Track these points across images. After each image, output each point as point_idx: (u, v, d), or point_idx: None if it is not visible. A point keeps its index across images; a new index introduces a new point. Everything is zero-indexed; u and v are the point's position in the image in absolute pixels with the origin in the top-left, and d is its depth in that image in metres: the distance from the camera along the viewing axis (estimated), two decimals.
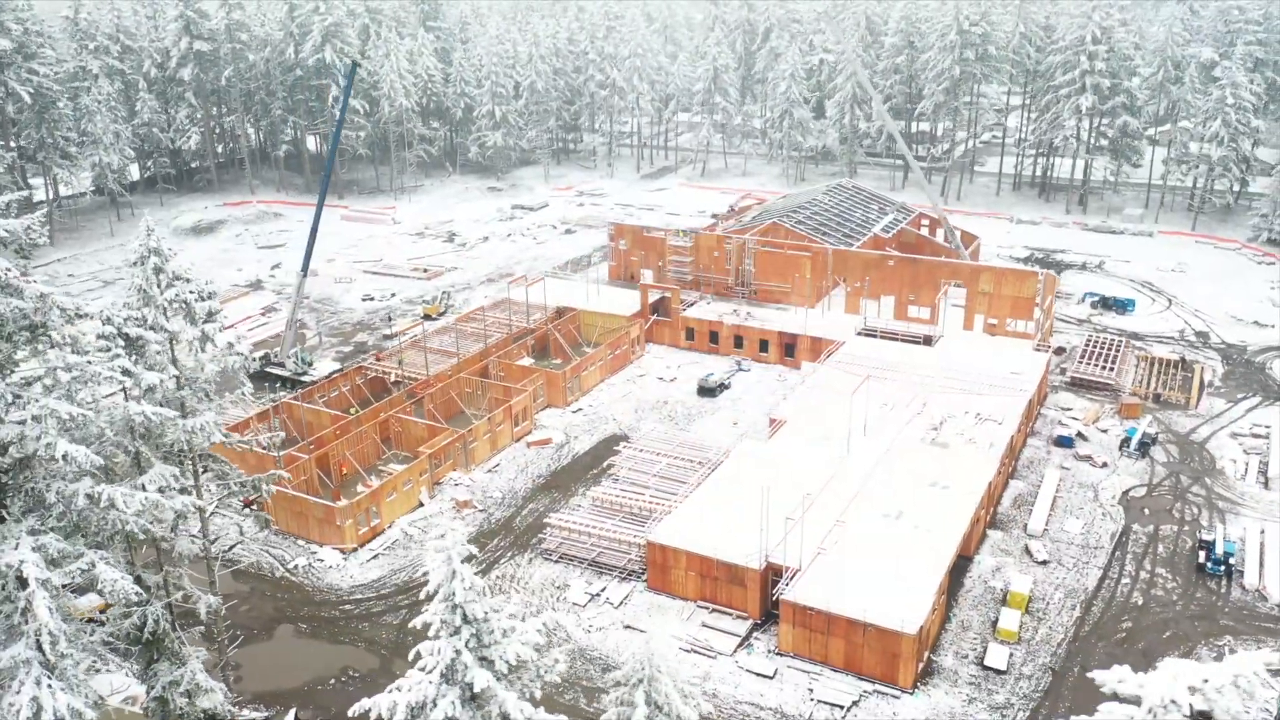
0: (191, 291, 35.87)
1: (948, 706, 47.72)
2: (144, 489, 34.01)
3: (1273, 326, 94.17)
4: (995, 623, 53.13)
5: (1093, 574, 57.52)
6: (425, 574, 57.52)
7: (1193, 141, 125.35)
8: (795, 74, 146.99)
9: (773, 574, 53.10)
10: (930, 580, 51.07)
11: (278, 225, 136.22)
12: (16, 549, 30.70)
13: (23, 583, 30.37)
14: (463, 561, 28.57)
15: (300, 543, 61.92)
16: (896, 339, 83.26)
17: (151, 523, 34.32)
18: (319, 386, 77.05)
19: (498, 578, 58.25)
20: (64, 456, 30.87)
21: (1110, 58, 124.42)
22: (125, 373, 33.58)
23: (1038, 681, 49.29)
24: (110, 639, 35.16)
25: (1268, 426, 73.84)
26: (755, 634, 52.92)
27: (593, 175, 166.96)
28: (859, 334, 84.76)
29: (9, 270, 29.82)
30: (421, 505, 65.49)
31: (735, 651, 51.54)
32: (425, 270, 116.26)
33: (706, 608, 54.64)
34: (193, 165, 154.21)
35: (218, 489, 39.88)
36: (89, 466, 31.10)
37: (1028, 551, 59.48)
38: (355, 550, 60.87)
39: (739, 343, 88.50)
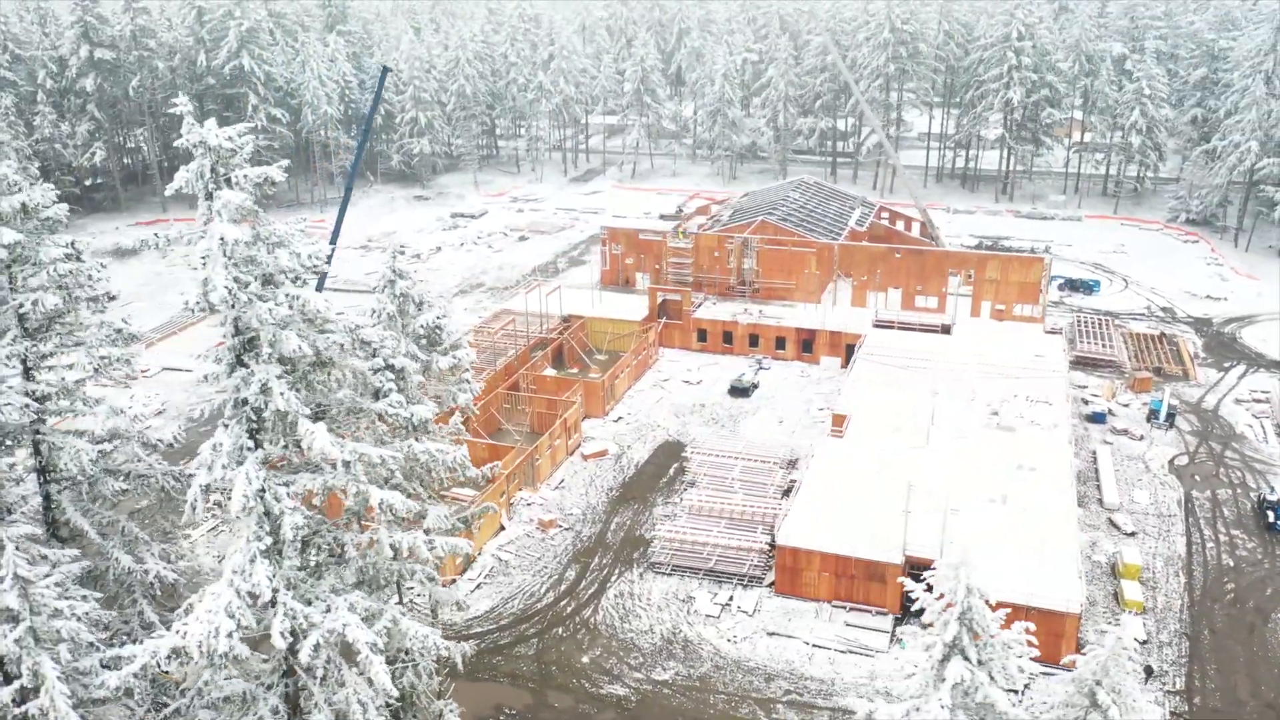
0: (440, 317, 33.07)
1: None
2: (428, 533, 31.11)
3: (1225, 299, 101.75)
4: (1116, 595, 55.22)
5: (1178, 541, 60.59)
6: (539, 601, 55.26)
7: (1110, 131, 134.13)
8: (728, 73, 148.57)
9: (909, 567, 53.45)
10: (1067, 560, 52.60)
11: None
12: (330, 610, 27.57)
13: (348, 649, 27.35)
14: None
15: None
16: (913, 329, 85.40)
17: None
18: None
19: (616, 596, 56.38)
20: (381, 505, 27.87)
21: (1034, 53, 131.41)
22: (398, 406, 30.60)
23: (1178, 648, 51.52)
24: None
25: (1266, 391, 79.72)
26: (899, 629, 53.22)
27: (520, 180, 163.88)
28: (875, 326, 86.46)
29: (323, 304, 26.72)
30: (503, 529, 62.69)
31: (890, 647, 51.69)
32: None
33: (843, 607, 54.52)
34: (97, 182, 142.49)
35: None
36: (405, 514, 28.20)
37: (1113, 524, 62.09)
38: (454, 582, 57.67)
39: (754, 341, 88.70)
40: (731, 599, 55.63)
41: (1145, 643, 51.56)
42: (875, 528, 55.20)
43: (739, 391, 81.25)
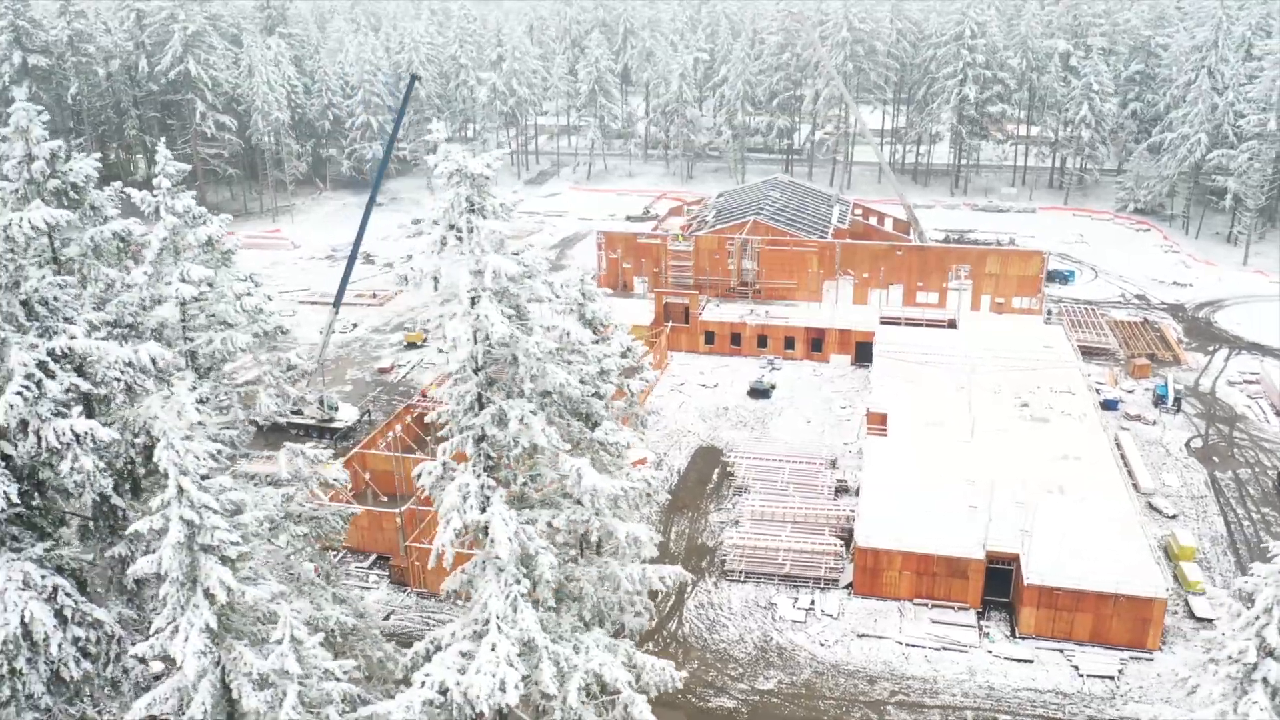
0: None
1: (1194, 659, 51.10)
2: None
3: (1191, 285, 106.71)
4: (1177, 577, 57.33)
5: (1216, 521, 63.30)
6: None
7: (1058, 125, 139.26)
8: (685, 73, 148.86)
9: (989, 561, 54.55)
10: (1138, 546, 54.42)
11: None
12: (581, 651, 26.65)
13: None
14: None
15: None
16: (920, 325, 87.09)
17: None
18: (379, 431, 70.21)
19: (696, 606, 56.02)
20: (626, 538, 27.05)
21: (986, 50, 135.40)
22: (613, 433, 29.71)
23: None
24: None
25: (1255, 373, 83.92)
26: (982, 623, 54.24)
27: None
28: (883, 323, 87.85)
29: (585, 334, 25.78)
30: None
31: (980, 642, 52.65)
32: (374, 295, 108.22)
33: (925, 605, 55.29)
34: None
35: None
36: (651, 546, 27.46)
37: (1153, 508, 64.47)
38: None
39: (763, 342, 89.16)
40: (813, 603, 55.84)
41: (1214, 621, 53.72)
42: (950, 524, 56.12)
43: (759, 393, 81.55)
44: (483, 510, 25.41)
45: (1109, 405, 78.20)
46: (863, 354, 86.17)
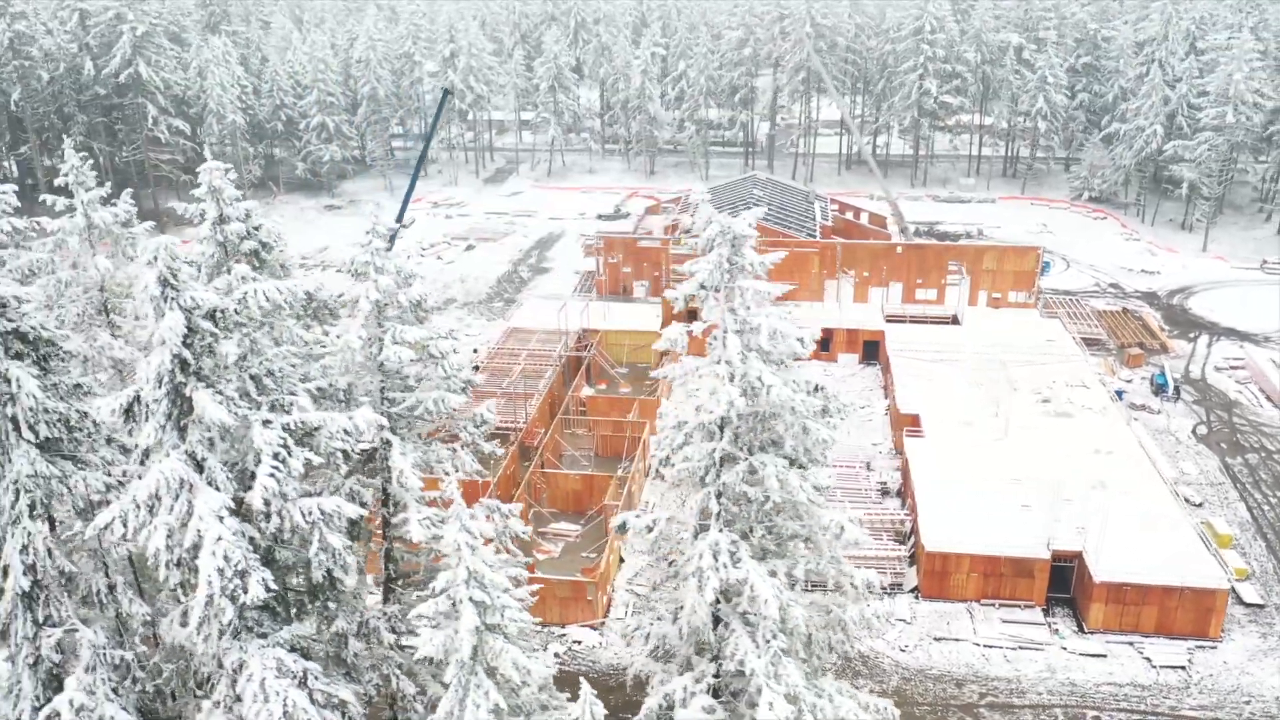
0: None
1: (1254, 645, 53.90)
2: None
3: (1159, 273, 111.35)
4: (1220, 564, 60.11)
5: (1238, 507, 66.50)
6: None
7: (1012, 116, 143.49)
8: (647, 70, 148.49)
9: (1054, 559, 56.36)
10: (1189, 537, 56.90)
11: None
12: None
13: None
14: None
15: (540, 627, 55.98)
16: (925, 322, 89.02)
17: None
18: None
19: None
20: (863, 583, 27.26)
21: (945, 44, 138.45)
22: None
23: None
24: None
25: (1240, 359, 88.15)
26: (1049, 620, 56.06)
27: (432, 184, 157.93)
28: (888, 321, 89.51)
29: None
30: (623, 561, 61.48)
31: (1051, 639, 54.42)
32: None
33: (992, 605, 56.85)
34: None
35: None
36: None
37: (1177, 495, 67.37)
38: (604, 623, 56.24)
39: None
40: (886, 610, 56.78)
41: (1263, 607, 56.62)
42: (1011, 524, 57.75)
43: None
44: (735, 565, 25.34)
45: (1116, 396, 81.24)
46: (869, 352, 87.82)
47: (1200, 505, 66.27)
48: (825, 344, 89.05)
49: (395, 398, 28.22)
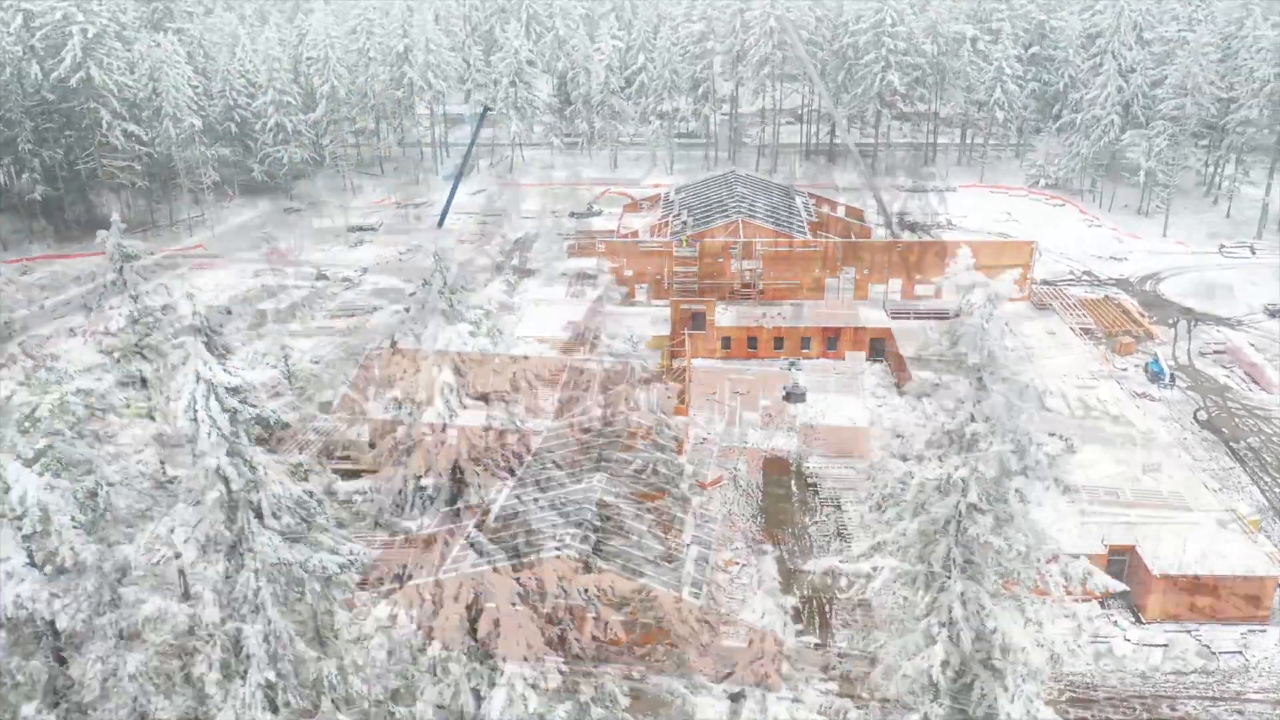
0: None
1: None
2: None
3: (1127, 259, 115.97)
4: None
5: (1251, 490, 70.19)
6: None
7: (968, 106, 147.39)
8: (611, 64, 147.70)
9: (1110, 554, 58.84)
10: (1226, 524, 60.00)
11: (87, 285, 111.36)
12: None
13: None
14: None
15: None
16: (929, 318, 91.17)
17: None
18: None
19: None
20: None
21: (906, 37, 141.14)
22: None
23: None
24: None
25: (1223, 343, 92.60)
26: (1107, 613, 58.54)
27: (389, 182, 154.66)
28: (892, 318, 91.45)
29: None
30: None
31: (1114, 631, 56.90)
32: (352, 315, 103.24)
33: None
34: None
35: None
36: None
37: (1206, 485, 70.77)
38: None
39: (779, 344, 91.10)
40: None
41: None
42: (1063, 521, 59.94)
43: (796, 397, 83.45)
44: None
45: (1155, 375, 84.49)
46: (875, 349, 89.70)
47: (1218, 490, 69.73)
48: (833, 343, 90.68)
49: None
